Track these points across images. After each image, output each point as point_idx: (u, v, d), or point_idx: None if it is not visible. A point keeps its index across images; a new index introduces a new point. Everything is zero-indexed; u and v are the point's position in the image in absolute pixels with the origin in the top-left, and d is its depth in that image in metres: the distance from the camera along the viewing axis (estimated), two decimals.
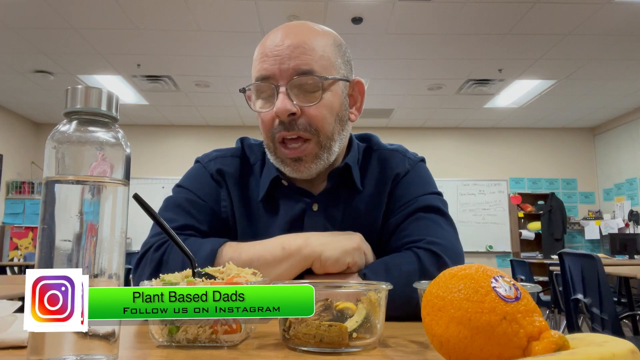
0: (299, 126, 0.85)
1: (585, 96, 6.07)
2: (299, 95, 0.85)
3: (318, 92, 0.86)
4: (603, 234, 7.04)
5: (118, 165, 0.47)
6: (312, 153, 0.87)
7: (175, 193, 0.97)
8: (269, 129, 0.88)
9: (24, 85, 5.74)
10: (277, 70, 0.84)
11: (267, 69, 0.85)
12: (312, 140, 0.87)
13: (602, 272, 2.43)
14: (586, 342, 0.39)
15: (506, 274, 0.43)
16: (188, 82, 5.63)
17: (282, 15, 4.02)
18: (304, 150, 0.86)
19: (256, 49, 0.91)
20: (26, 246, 6.70)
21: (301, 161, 0.87)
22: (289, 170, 0.89)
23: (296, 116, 0.85)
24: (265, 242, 0.84)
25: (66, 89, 0.47)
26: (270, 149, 0.91)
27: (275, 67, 0.84)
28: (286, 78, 0.84)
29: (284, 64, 0.84)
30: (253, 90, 0.89)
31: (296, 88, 0.85)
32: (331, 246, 0.81)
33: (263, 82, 0.86)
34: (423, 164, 1.01)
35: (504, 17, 4.07)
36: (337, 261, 0.80)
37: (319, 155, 0.88)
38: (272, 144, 0.89)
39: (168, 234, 0.63)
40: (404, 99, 6.24)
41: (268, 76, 0.85)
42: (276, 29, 0.90)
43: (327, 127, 0.87)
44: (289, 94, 0.84)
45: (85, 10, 3.93)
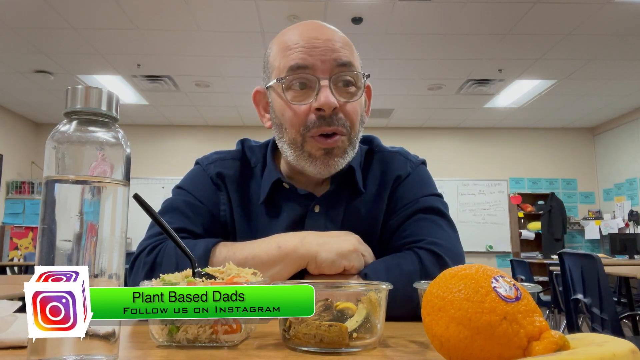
0: (338, 121, 0.85)
1: (585, 96, 6.07)
2: (338, 91, 0.85)
3: (353, 88, 0.86)
4: (603, 234, 7.04)
5: (118, 165, 0.47)
6: (343, 147, 0.87)
7: (174, 195, 0.97)
8: (301, 123, 0.85)
9: (24, 85, 5.74)
10: (317, 62, 0.84)
11: (306, 59, 0.84)
12: (346, 136, 0.87)
13: (602, 272, 2.43)
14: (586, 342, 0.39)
15: (506, 274, 0.43)
16: (188, 82, 5.63)
17: (282, 15, 4.02)
18: (337, 142, 0.86)
19: (276, 44, 0.90)
20: (26, 246, 6.70)
21: (332, 154, 0.86)
22: (316, 164, 0.87)
23: (336, 111, 0.84)
24: (260, 241, 0.83)
25: (66, 89, 0.47)
26: (296, 144, 0.87)
27: (316, 58, 0.84)
28: (327, 71, 0.84)
29: (324, 56, 0.84)
30: (286, 80, 0.85)
31: (336, 82, 0.85)
32: (327, 247, 0.80)
33: (300, 71, 0.84)
34: (424, 167, 1.02)
35: (504, 17, 4.07)
36: (333, 263, 0.79)
37: (347, 151, 0.88)
38: (300, 138, 0.86)
39: (168, 234, 0.63)
40: (404, 99, 6.24)
41: (306, 66, 0.84)
42: (303, 24, 0.89)
43: (357, 125, 0.88)
44: (331, 88, 0.84)
45: (85, 10, 3.93)
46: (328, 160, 0.86)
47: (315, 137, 0.85)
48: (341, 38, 0.88)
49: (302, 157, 0.87)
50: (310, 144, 0.86)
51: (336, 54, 0.84)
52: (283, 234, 0.85)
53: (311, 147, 0.86)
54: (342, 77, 0.85)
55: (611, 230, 6.80)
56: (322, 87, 0.83)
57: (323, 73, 0.84)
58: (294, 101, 0.85)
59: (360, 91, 0.88)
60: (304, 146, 0.87)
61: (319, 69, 0.84)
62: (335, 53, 0.84)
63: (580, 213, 7.48)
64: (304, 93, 0.85)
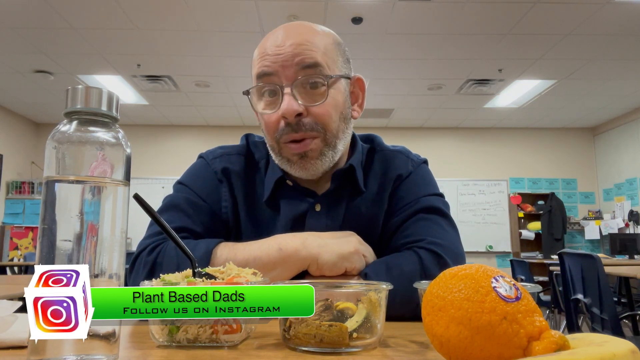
0: (305, 126, 0.85)
1: (585, 96, 6.07)
2: (304, 95, 0.85)
3: (322, 90, 0.85)
4: (603, 234, 7.04)
5: (118, 165, 0.47)
6: (318, 149, 0.87)
7: (175, 191, 0.97)
8: (273, 131, 0.87)
9: (24, 85, 5.74)
10: (279, 68, 0.84)
11: (269, 66, 0.84)
12: (319, 138, 0.87)
13: (602, 272, 2.43)
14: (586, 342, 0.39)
15: (506, 274, 0.43)
16: (188, 82, 5.63)
17: (282, 15, 4.02)
18: (309, 145, 0.86)
19: (255, 51, 0.91)
20: (26, 246, 6.70)
21: (307, 157, 0.87)
22: (295, 168, 0.88)
23: (302, 116, 0.84)
24: (261, 242, 0.83)
25: (66, 89, 0.47)
26: (274, 150, 0.90)
27: (278, 65, 0.84)
28: (290, 77, 0.84)
29: (287, 62, 0.84)
30: (255, 91, 0.88)
31: (301, 87, 0.84)
32: (329, 249, 0.80)
33: (265, 79, 0.85)
34: (425, 166, 1.01)
35: (504, 17, 4.07)
36: (335, 265, 0.80)
37: (324, 152, 0.88)
38: (276, 144, 0.89)
39: (169, 234, 0.63)
40: (404, 99, 6.24)
41: (270, 73, 0.85)
42: (275, 30, 0.89)
43: (332, 125, 0.87)
44: (294, 93, 0.83)
45: (85, 10, 3.93)
46: (304, 164, 0.87)
47: (286, 143, 0.87)
48: (313, 38, 0.86)
49: (283, 162, 0.90)
50: (284, 150, 0.88)
51: (299, 58, 0.84)
52: (284, 234, 0.85)
53: (286, 152, 0.88)
54: (303, 81, 0.84)
55: (611, 230, 6.80)
56: (284, 94, 0.84)
57: (286, 79, 0.84)
58: (264, 110, 0.87)
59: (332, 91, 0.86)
60: (281, 152, 0.89)
61: (282, 75, 0.84)
62: (299, 57, 0.84)
63: (580, 213, 7.48)
64: (273, 101, 0.87)
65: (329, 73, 0.86)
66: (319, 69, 0.85)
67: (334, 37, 0.92)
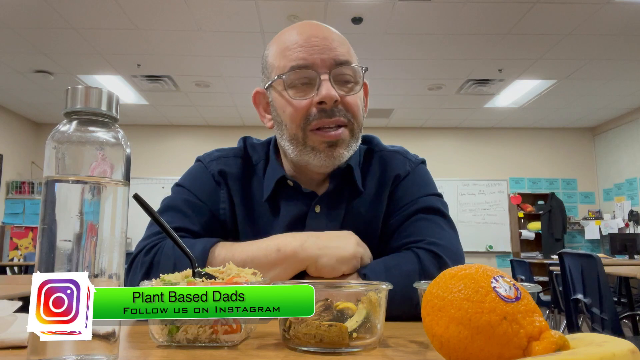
0: (340, 112, 0.87)
1: (585, 96, 6.07)
2: (338, 85, 0.87)
3: (352, 83, 0.89)
4: (603, 234, 7.04)
5: (118, 165, 0.47)
6: (346, 140, 0.88)
7: (173, 193, 0.97)
8: (302, 117, 0.87)
9: (24, 85, 5.74)
10: (317, 59, 0.86)
11: (307, 57, 0.86)
12: (348, 127, 0.88)
13: (602, 272, 2.43)
14: (586, 342, 0.39)
15: (506, 274, 0.43)
16: (188, 82, 5.63)
17: (282, 15, 4.02)
18: (340, 135, 0.87)
19: (275, 45, 0.92)
20: (26, 246, 6.70)
21: (335, 147, 0.87)
22: (320, 157, 0.88)
23: (337, 104, 0.86)
24: (259, 242, 0.83)
25: (66, 89, 0.47)
26: (298, 139, 0.89)
27: (315, 56, 0.86)
28: (328, 67, 0.86)
29: (324, 54, 0.86)
30: (287, 79, 0.88)
31: (335, 78, 0.87)
32: (327, 252, 0.80)
33: (301, 69, 0.86)
34: (424, 166, 1.02)
35: (504, 17, 4.07)
36: (333, 269, 0.80)
37: (350, 144, 0.89)
38: (302, 132, 0.88)
39: (168, 234, 0.63)
40: (404, 99, 6.24)
41: (307, 65, 0.86)
42: (300, 25, 0.91)
43: (360, 117, 0.90)
44: (332, 82, 0.86)
45: (85, 10, 3.93)
46: (332, 152, 0.87)
47: (316, 130, 0.87)
48: (337, 37, 0.91)
49: (305, 152, 0.89)
50: (312, 138, 0.87)
51: (334, 53, 0.87)
52: (283, 235, 0.85)
53: (313, 140, 0.87)
54: (341, 73, 0.87)
55: (611, 230, 6.80)
56: (322, 81, 0.85)
57: (323, 69, 0.86)
58: (295, 97, 0.87)
59: (358, 86, 0.90)
60: (305, 141, 0.88)
61: (319, 64, 0.86)
62: (333, 52, 0.87)
63: (580, 213, 7.48)
64: (305, 89, 0.87)
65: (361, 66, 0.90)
66: (350, 64, 0.88)
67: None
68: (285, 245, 0.81)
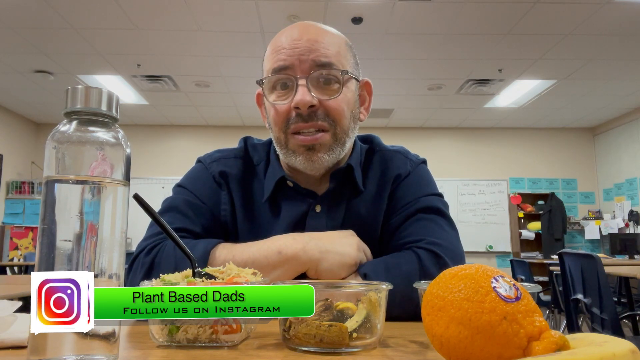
0: (318, 117, 0.86)
1: (585, 96, 6.07)
2: (318, 89, 0.86)
3: (336, 86, 0.87)
4: (603, 234, 7.04)
5: (118, 165, 0.47)
6: (327, 144, 0.87)
7: (174, 193, 0.97)
8: (283, 121, 0.88)
9: (24, 85, 5.74)
10: (296, 62, 0.85)
11: (286, 59, 0.86)
12: (329, 132, 0.87)
13: (602, 272, 2.43)
14: (586, 342, 0.39)
15: (506, 274, 0.43)
16: (188, 82, 5.62)
17: (282, 15, 4.02)
18: (319, 139, 0.86)
19: (268, 47, 0.92)
20: (26, 246, 6.70)
21: (314, 150, 0.87)
22: (300, 161, 0.88)
23: (315, 108, 0.85)
24: (260, 243, 0.83)
25: (66, 89, 0.47)
26: (281, 142, 0.90)
27: (294, 58, 0.85)
28: (306, 71, 0.85)
29: (303, 56, 0.85)
30: (268, 83, 0.89)
31: (315, 81, 0.86)
32: (329, 257, 0.80)
33: (281, 72, 0.86)
34: (424, 166, 1.02)
35: (504, 17, 4.07)
36: (333, 274, 0.81)
37: (332, 148, 0.88)
38: (284, 135, 0.89)
39: (168, 234, 0.62)
40: (404, 99, 6.24)
41: (286, 67, 0.86)
42: (290, 27, 0.91)
43: (344, 121, 0.89)
44: (308, 86, 0.85)
45: (85, 10, 3.93)
46: (310, 156, 0.87)
47: (294, 134, 0.87)
48: (329, 38, 0.89)
49: (288, 155, 0.90)
50: (291, 141, 0.88)
51: (315, 54, 0.85)
52: (284, 236, 0.84)
53: (293, 144, 0.88)
54: (318, 75, 0.86)
55: (611, 230, 6.80)
56: (299, 86, 0.85)
57: (301, 72, 0.85)
58: (276, 101, 0.88)
59: (345, 88, 0.88)
60: (287, 144, 0.89)
61: (297, 68, 0.85)
62: (314, 53, 0.85)
63: (580, 213, 7.47)
64: (285, 93, 0.87)
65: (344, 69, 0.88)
66: (332, 68, 0.86)
67: (346, 39, 0.94)
68: (286, 248, 0.80)
